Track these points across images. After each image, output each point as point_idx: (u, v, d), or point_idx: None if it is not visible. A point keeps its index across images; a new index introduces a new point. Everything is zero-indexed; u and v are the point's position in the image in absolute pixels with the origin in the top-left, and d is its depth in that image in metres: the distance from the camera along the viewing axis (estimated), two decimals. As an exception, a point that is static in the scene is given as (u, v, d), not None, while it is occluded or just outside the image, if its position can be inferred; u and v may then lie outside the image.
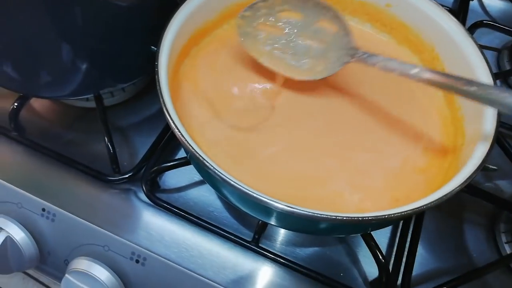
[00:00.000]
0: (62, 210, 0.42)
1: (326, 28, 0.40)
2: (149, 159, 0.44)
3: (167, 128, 0.46)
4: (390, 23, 0.46)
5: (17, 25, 0.37)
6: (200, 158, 0.30)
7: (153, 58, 0.36)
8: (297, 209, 0.28)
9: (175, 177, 0.45)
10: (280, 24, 0.41)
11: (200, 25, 0.42)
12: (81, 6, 0.36)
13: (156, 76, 0.34)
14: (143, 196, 0.42)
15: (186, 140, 0.31)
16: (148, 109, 0.50)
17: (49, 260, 0.43)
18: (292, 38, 0.41)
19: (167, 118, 0.32)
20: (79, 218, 0.41)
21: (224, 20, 0.45)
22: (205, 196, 0.44)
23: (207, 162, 0.30)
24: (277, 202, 0.28)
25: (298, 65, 0.40)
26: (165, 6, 0.43)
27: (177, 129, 0.31)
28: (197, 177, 0.45)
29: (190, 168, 0.44)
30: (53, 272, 0.45)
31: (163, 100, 0.33)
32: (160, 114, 0.50)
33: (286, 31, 0.41)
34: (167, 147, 0.46)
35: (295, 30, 0.41)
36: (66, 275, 0.40)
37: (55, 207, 0.42)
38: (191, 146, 0.31)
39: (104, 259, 0.40)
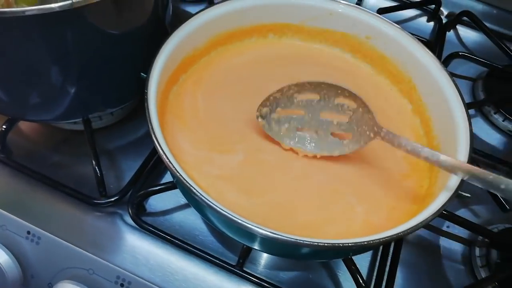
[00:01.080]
0: (47, 233, 0.42)
1: (346, 103, 0.39)
2: (136, 182, 0.45)
3: (154, 152, 0.47)
4: (370, 54, 0.48)
5: (7, 50, 0.37)
6: (186, 183, 0.31)
7: (142, 84, 0.37)
8: (280, 235, 0.29)
9: (161, 201, 0.46)
10: (299, 106, 0.40)
11: (188, 53, 0.44)
12: (72, 33, 0.37)
13: (146, 103, 0.35)
14: (129, 219, 0.43)
15: (172, 165, 0.32)
16: (135, 133, 0.51)
17: (33, 283, 0.43)
18: (314, 116, 0.40)
19: (155, 143, 0.33)
20: (64, 241, 0.41)
21: (212, 48, 0.46)
22: (190, 219, 0.45)
23: (193, 187, 0.31)
24: (260, 228, 0.29)
25: (324, 142, 0.40)
26: (155, 34, 0.44)
27: (164, 154, 0.32)
28: (183, 200, 0.46)
29: (176, 192, 0.45)
30: (36, 295, 0.44)
31: (152, 127, 0.34)
32: (146, 138, 0.51)
33: (307, 111, 0.40)
34: (154, 171, 0.46)
35: (315, 109, 0.40)
36: (49, 298, 0.40)
37: (40, 229, 0.42)
38: (178, 172, 0.32)
39: (89, 282, 0.40)
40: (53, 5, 0.33)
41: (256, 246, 0.35)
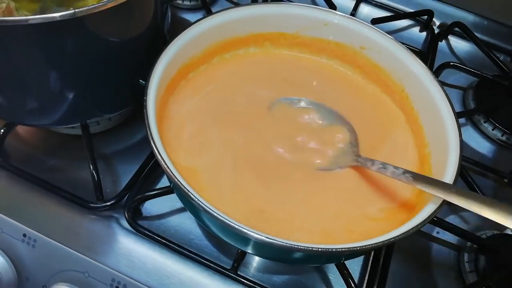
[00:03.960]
0: (43, 236, 0.42)
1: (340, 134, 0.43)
2: (132, 187, 0.45)
3: (151, 156, 0.48)
4: (364, 64, 0.49)
5: (7, 55, 0.38)
6: (184, 189, 0.32)
7: (141, 90, 0.38)
8: (275, 240, 0.30)
9: (156, 205, 0.46)
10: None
11: (186, 61, 0.44)
12: (73, 41, 0.38)
13: (145, 110, 0.36)
14: (125, 223, 0.43)
15: (171, 171, 0.33)
16: (132, 138, 0.52)
17: (27, 286, 0.43)
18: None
19: (154, 150, 0.34)
20: (60, 244, 0.42)
21: (210, 56, 0.47)
22: (186, 223, 0.45)
23: (191, 193, 0.32)
24: (257, 234, 0.30)
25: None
26: (154, 41, 0.45)
27: (163, 161, 0.33)
28: (178, 204, 0.46)
29: (171, 196, 0.46)
30: (30, 298, 0.44)
31: (150, 133, 0.35)
32: (143, 143, 0.51)
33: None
34: (150, 176, 0.47)
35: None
36: (45, 301, 0.40)
37: (36, 232, 0.42)
38: (176, 178, 0.32)
39: (84, 285, 0.41)
40: (56, 14, 0.34)
41: (251, 250, 0.36)
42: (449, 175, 0.37)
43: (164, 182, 0.48)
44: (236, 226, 0.30)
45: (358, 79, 0.50)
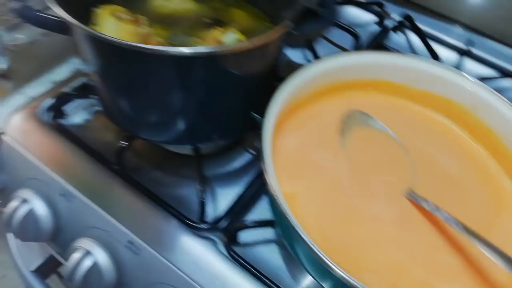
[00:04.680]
0: (148, 246, 0.45)
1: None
2: (233, 213, 0.47)
3: (252, 185, 0.50)
4: (473, 125, 0.48)
5: (140, 76, 0.42)
6: (301, 235, 0.33)
7: (251, 122, 0.43)
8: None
9: (250, 234, 0.47)
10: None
11: (297, 100, 0.46)
12: (202, 70, 0.41)
13: (262, 144, 0.38)
14: (221, 247, 0.45)
15: (286, 212, 0.34)
16: (231, 164, 0.54)
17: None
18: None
19: (271, 191, 0.35)
20: (161, 257, 0.45)
21: (316, 97, 0.49)
22: (275, 258, 0.46)
23: (309, 242, 0.32)
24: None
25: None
26: (269, 78, 0.48)
27: (279, 201, 0.35)
28: (270, 236, 0.48)
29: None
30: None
31: (265, 169, 0.37)
32: (240, 170, 0.53)
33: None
34: (250, 204, 0.49)
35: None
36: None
37: (141, 241, 0.46)
38: (293, 223, 0.34)
39: (178, 301, 0.43)
40: (201, 49, 0.39)
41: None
42: None
43: (259, 213, 0.49)
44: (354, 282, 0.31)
45: (465, 138, 0.49)
